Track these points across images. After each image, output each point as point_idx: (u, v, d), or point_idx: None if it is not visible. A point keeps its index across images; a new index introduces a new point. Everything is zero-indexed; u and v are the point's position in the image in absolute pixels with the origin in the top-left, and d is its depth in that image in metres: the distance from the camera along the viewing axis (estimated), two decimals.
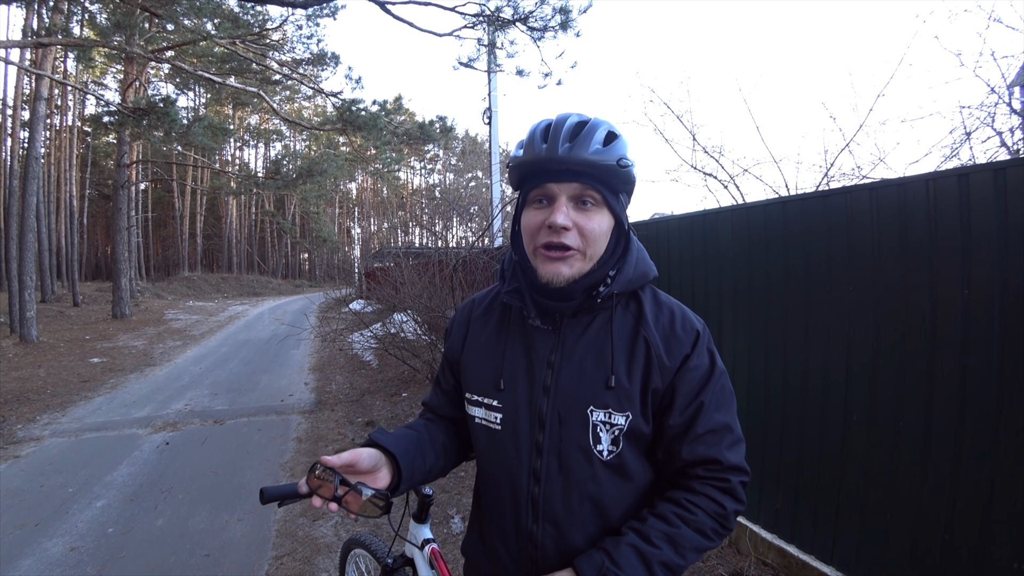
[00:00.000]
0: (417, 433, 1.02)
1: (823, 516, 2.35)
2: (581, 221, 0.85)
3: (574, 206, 0.86)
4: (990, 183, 1.79)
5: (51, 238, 22.83)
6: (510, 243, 0.99)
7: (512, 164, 0.90)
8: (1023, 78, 4.05)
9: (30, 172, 12.39)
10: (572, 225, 0.85)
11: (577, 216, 0.85)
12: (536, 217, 0.87)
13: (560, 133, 0.84)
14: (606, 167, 0.83)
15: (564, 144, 0.83)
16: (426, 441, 1.02)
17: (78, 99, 29.40)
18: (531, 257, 0.91)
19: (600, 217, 0.87)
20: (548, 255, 0.86)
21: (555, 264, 0.86)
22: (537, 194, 0.87)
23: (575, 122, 0.86)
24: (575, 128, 0.86)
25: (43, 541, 3.12)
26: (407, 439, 0.99)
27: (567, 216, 0.84)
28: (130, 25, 10.81)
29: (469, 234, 9.58)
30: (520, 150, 0.89)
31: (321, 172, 16.99)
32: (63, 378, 8.00)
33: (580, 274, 0.88)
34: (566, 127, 0.85)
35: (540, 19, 9.21)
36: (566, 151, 0.82)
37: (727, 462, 0.87)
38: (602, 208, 0.87)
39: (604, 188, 0.85)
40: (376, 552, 1.64)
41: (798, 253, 2.47)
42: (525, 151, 0.87)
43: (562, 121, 0.86)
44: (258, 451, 4.72)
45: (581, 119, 0.87)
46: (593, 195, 0.85)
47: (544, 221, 0.86)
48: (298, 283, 46.33)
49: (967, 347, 1.84)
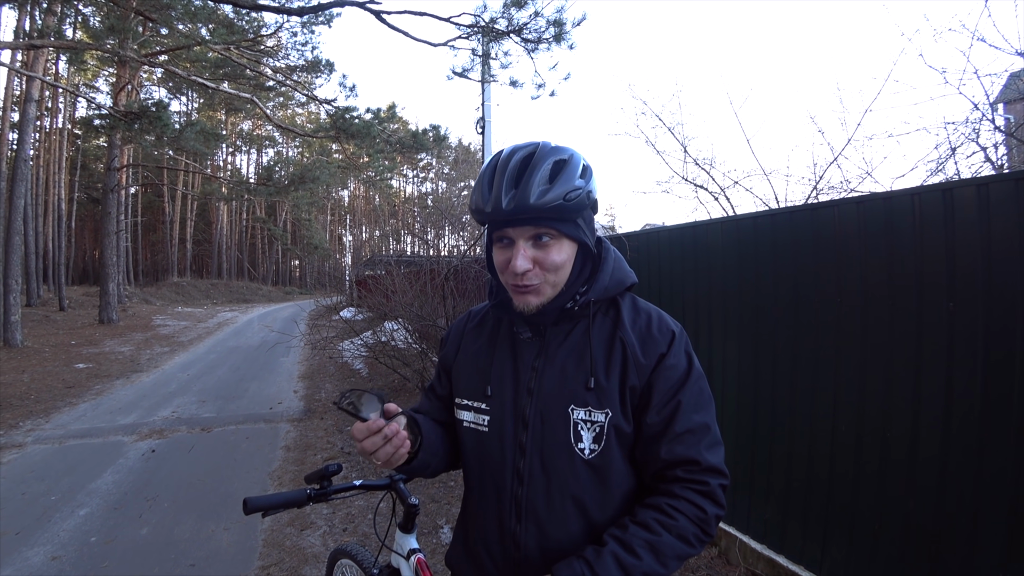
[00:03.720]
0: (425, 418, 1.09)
1: (812, 526, 2.36)
2: (540, 256, 0.89)
3: (532, 244, 0.89)
4: (974, 198, 1.83)
5: (38, 241, 22.56)
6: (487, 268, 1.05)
7: (470, 210, 0.95)
8: (1006, 95, 4.14)
9: (18, 174, 12.29)
10: (532, 265, 0.89)
11: (536, 253, 0.89)
12: (501, 256, 0.93)
13: (504, 180, 0.86)
14: (553, 208, 0.85)
15: (508, 194, 0.85)
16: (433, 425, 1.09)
17: (69, 101, 29.19)
18: (505, 286, 0.96)
19: (559, 248, 0.90)
20: (515, 289, 0.92)
21: (524, 296, 0.92)
22: (498, 235, 0.92)
23: (518, 161, 0.88)
24: (518, 170, 0.87)
25: (24, 550, 3.07)
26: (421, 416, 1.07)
27: (526, 258, 0.88)
28: (124, 29, 10.77)
29: (461, 243, 9.58)
30: (474, 195, 0.92)
31: (313, 179, 16.97)
32: (47, 383, 7.88)
33: (549, 300, 0.93)
34: (508, 172, 0.87)
35: (534, 31, 9.29)
36: (510, 202, 0.85)
37: (706, 463, 0.88)
38: (560, 240, 0.90)
39: (557, 223, 0.88)
40: (363, 562, 1.63)
41: (787, 265, 2.50)
42: (475, 200, 0.91)
43: (505, 163, 0.88)
44: (246, 459, 4.67)
45: (525, 155, 0.89)
46: (549, 231, 0.89)
47: (508, 263, 0.90)
48: (288, 290, 46.04)
49: (952, 358, 1.87)
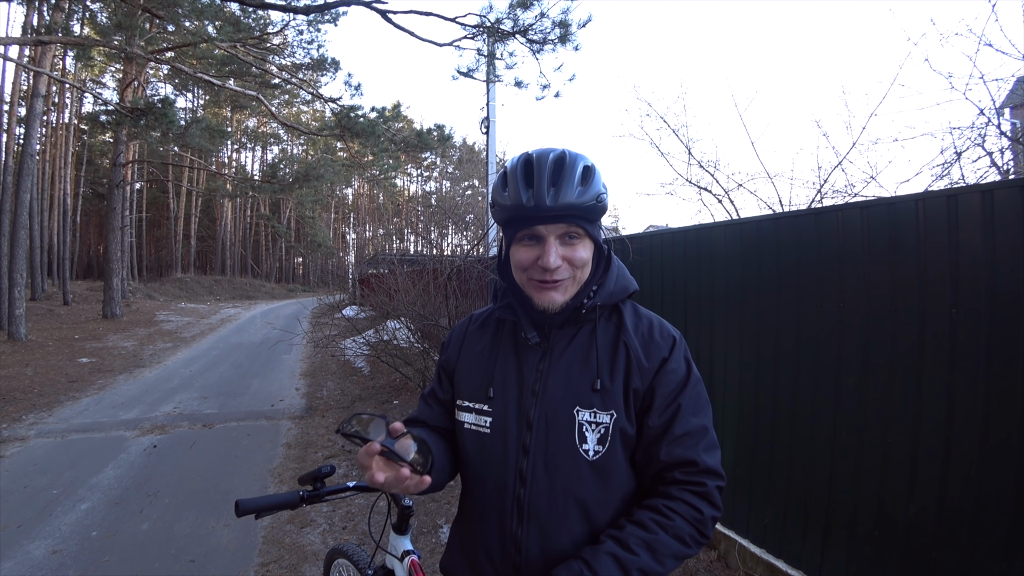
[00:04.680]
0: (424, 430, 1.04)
1: (811, 531, 2.36)
2: (569, 254, 0.93)
3: (560, 242, 0.93)
4: (978, 204, 1.82)
5: (43, 235, 22.64)
6: (497, 272, 1.06)
7: (497, 207, 0.96)
8: (1013, 100, 4.12)
9: (25, 169, 12.34)
10: (562, 261, 0.92)
11: (565, 251, 0.93)
12: (527, 254, 0.94)
13: (543, 177, 0.89)
14: (587, 208, 0.90)
15: (549, 191, 0.88)
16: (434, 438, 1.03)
17: (75, 97, 29.35)
18: (523, 286, 0.98)
19: (584, 247, 0.94)
20: (542, 285, 0.94)
21: (549, 293, 0.94)
22: (525, 233, 0.93)
23: (553, 161, 0.91)
24: (555, 169, 0.90)
25: (25, 543, 3.08)
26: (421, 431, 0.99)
27: (557, 255, 0.92)
28: (131, 25, 10.83)
29: (464, 243, 9.59)
30: (504, 193, 0.93)
31: (318, 177, 17.03)
32: (51, 378, 7.92)
33: (571, 296, 0.96)
34: (547, 170, 0.89)
35: (539, 32, 9.31)
36: (552, 198, 0.88)
37: (703, 464, 0.90)
38: (585, 239, 0.94)
39: (586, 223, 0.93)
40: (358, 562, 1.64)
41: (790, 269, 2.50)
42: (510, 196, 0.92)
43: (542, 162, 0.90)
44: (247, 456, 4.68)
45: (558, 157, 0.91)
46: (577, 231, 0.93)
47: (536, 259, 0.93)
48: (291, 287, 46.17)
49: (954, 364, 1.87)
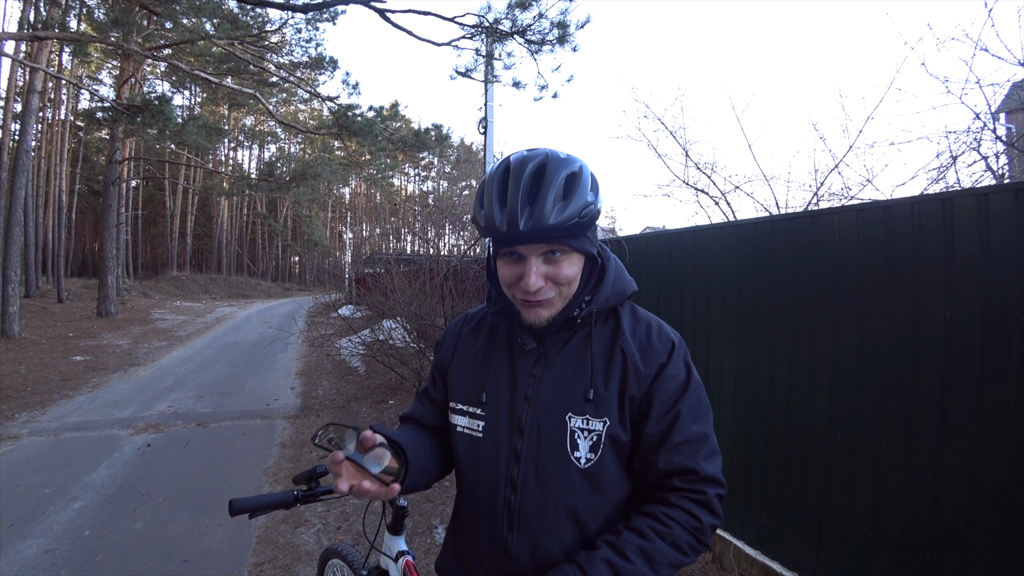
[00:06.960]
0: (412, 431, 1.03)
1: (806, 533, 2.36)
2: (552, 272, 0.87)
3: (544, 259, 0.86)
4: (973, 208, 1.83)
5: (38, 232, 22.53)
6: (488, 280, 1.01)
7: (475, 223, 0.89)
8: (1008, 105, 4.15)
9: (20, 165, 12.27)
10: (544, 281, 0.86)
11: (548, 268, 0.87)
12: (510, 271, 0.89)
13: (518, 196, 0.81)
14: (570, 226, 0.82)
15: (523, 212, 0.81)
16: (421, 440, 1.02)
17: (72, 93, 29.15)
18: (511, 298, 0.93)
19: (569, 263, 0.88)
20: (527, 304, 0.89)
21: (535, 310, 0.89)
22: (507, 250, 0.88)
23: (531, 174, 0.83)
24: (532, 184, 0.83)
25: (17, 542, 3.06)
26: (407, 433, 0.99)
27: (539, 276, 0.86)
28: (128, 22, 10.77)
29: (461, 243, 9.57)
30: (481, 211, 0.86)
31: (315, 176, 16.97)
32: (44, 375, 7.87)
33: (559, 311, 0.91)
34: (522, 187, 0.82)
35: (538, 32, 9.30)
36: (527, 221, 0.81)
37: (703, 472, 0.87)
38: (571, 254, 0.88)
39: (570, 240, 0.85)
40: (352, 563, 1.63)
41: (786, 272, 2.50)
42: (484, 216, 0.85)
43: (519, 174, 0.83)
44: (241, 455, 4.67)
45: (537, 168, 0.84)
46: (561, 248, 0.86)
47: (519, 278, 0.87)
48: (287, 286, 46.04)
49: (949, 367, 1.87)
